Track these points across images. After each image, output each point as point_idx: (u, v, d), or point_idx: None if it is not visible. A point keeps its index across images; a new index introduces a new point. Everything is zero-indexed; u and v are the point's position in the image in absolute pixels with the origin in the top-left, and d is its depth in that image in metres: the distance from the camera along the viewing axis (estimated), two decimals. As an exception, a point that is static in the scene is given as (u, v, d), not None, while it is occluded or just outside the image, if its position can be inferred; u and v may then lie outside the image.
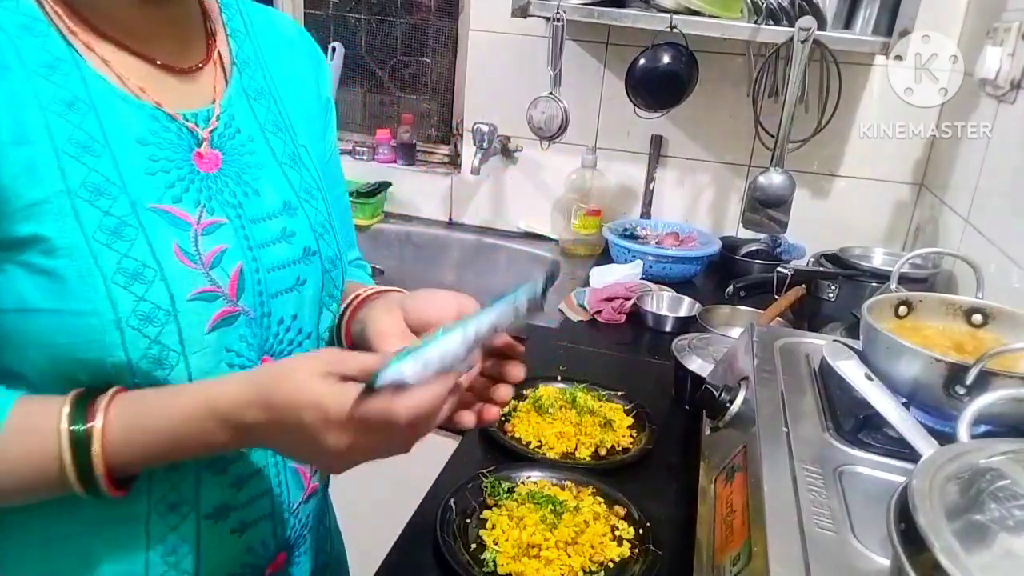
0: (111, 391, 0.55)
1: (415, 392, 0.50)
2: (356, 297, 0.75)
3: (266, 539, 0.69)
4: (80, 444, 0.53)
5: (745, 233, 1.76)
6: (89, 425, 0.53)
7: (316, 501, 0.76)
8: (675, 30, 1.51)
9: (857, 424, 0.73)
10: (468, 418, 0.62)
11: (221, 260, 0.60)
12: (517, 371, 0.64)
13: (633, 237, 1.79)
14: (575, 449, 0.99)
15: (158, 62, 0.61)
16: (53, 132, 0.54)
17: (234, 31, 0.71)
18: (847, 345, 0.82)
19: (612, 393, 1.12)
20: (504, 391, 0.64)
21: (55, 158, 0.54)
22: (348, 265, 0.87)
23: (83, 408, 0.54)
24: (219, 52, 0.68)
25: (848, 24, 1.56)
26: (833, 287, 1.36)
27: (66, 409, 0.54)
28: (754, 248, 1.76)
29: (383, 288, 0.78)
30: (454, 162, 2.12)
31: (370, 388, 0.50)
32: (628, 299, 1.49)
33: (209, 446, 0.56)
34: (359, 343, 0.71)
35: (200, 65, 0.65)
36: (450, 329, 0.53)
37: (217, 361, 0.61)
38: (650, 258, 1.67)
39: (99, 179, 0.55)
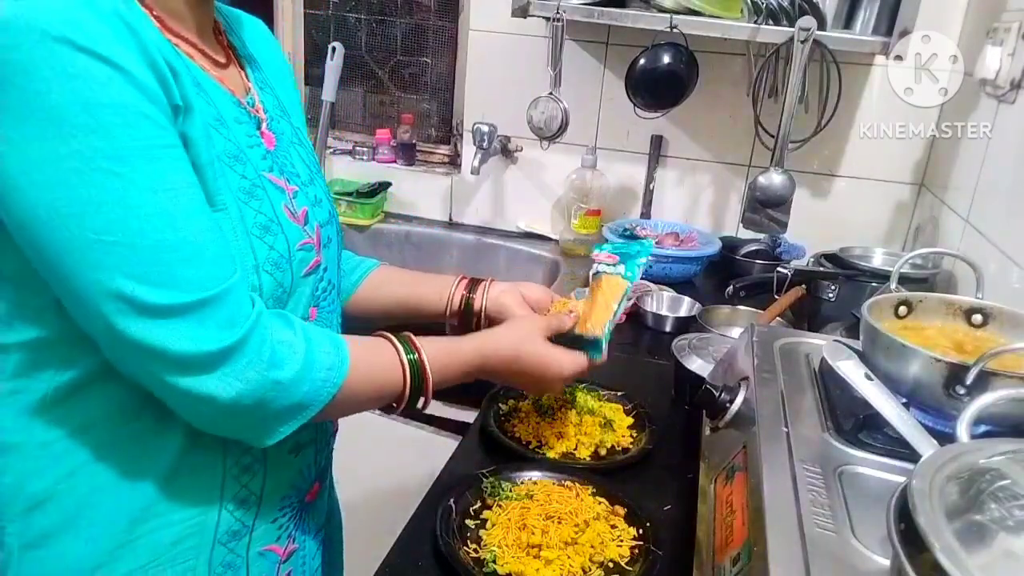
0: (406, 334, 0.75)
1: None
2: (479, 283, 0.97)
3: (309, 464, 0.78)
4: (414, 369, 0.73)
5: (745, 233, 1.76)
6: (416, 356, 0.73)
7: (332, 446, 0.85)
8: (675, 30, 1.51)
9: (857, 424, 0.73)
10: None
11: (308, 219, 0.72)
12: None
13: (633, 237, 1.79)
14: (575, 449, 0.99)
15: (213, 57, 0.71)
16: (195, 109, 0.61)
17: (226, 29, 0.78)
18: (847, 345, 0.82)
19: (612, 393, 1.11)
20: None
21: (203, 131, 0.62)
22: None
23: (406, 344, 0.73)
24: (233, 47, 0.77)
25: (848, 24, 1.55)
26: (833, 287, 1.36)
27: (399, 345, 0.73)
28: (754, 248, 1.75)
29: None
30: (454, 162, 2.12)
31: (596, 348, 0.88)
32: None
33: (464, 378, 0.79)
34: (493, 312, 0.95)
35: (228, 60, 0.74)
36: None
37: (305, 304, 0.72)
38: (650, 258, 1.67)
39: (233, 148, 0.66)
